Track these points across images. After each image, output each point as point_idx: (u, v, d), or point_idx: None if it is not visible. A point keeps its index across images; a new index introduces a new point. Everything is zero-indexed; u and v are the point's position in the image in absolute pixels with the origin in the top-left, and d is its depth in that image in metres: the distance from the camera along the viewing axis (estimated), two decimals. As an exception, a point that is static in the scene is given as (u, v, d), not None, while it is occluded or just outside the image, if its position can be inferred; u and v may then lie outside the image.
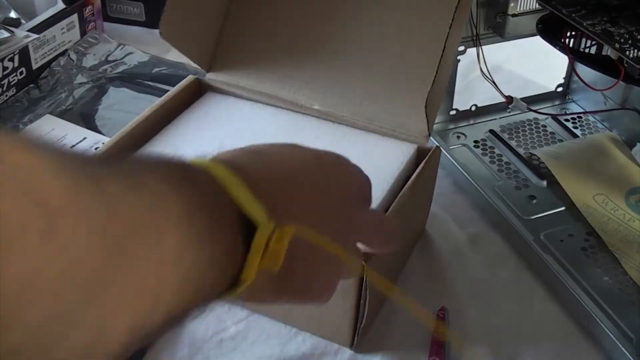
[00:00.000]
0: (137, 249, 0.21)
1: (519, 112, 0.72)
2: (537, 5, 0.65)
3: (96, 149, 0.67)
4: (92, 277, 0.20)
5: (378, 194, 0.49)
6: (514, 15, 0.66)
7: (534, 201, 0.62)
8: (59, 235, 0.18)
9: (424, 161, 0.53)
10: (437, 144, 0.56)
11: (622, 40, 0.54)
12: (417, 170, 0.52)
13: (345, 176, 0.36)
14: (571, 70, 0.75)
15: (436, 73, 0.50)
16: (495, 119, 0.73)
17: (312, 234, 0.30)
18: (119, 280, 0.21)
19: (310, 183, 0.33)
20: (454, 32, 0.50)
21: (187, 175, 0.26)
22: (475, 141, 0.70)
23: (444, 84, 0.59)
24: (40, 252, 0.18)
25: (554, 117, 0.73)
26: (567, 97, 0.78)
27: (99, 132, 0.72)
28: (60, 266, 0.18)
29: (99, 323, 0.20)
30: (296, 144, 0.34)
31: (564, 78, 0.77)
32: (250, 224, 0.28)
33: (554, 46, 0.60)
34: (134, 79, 0.80)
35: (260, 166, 0.31)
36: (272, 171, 0.31)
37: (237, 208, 0.27)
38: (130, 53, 0.84)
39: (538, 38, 0.63)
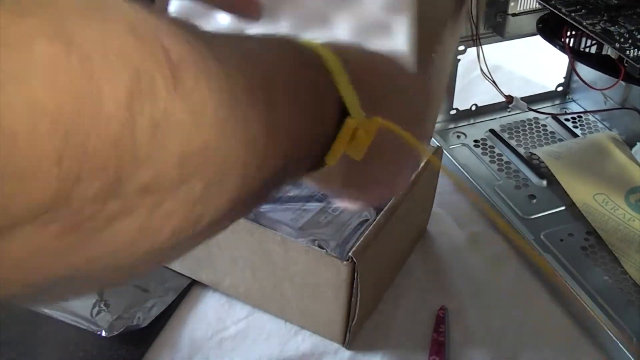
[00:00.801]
0: (250, 110, 0.23)
1: (519, 111, 0.72)
2: (537, 5, 0.64)
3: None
4: (214, 127, 0.21)
5: None
6: (514, 15, 0.66)
7: (534, 201, 0.62)
8: (182, 84, 0.20)
9: (425, 161, 0.53)
10: (438, 144, 0.56)
11: (622, 39, 0.54)
12: (417, 170, 0.52)
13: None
14: (571, 70, 0.75)
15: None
16: (495, 118, 0.73)
17: (398, 129, 0.32)
18: (238, 137, 0.22)
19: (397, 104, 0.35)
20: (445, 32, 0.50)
21: (296, 53, 0.28)
22: (476, 141, 0.70)
23: (443, 87, 0.58)
24: (168, 97, 0.19)
25: (554, 117, 0.73)
26: (567, 97, 0.78)
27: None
28: (186, 111, 0.20)
29: (222, 166, 0.22)
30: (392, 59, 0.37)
31: (564, 77, 0.77)
32: (343, 112, 0.30)
33: (554, 46, 0.60)
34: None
35: (363, 66, 0.33)
36: (372, 74, 0.33)
37: (336, 94, 0.29)
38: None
39: (538, 37, 0.63)
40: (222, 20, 0.56)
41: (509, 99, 0.69)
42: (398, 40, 0.51)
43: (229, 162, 0.22)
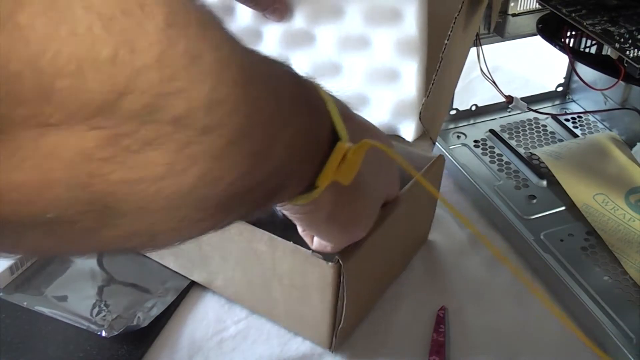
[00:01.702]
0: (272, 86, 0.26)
1: (519, 111, 0.72)
2: (537, 5, 0.64)
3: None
4: (237, 85, 0.24)
5: None
6: (514, 15, 0.66)
7: (534, 201, 0.62)
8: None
9: (425, 168, 0.52)
10: (439, 145, 0.56)
11: (622, 39, 0.54)
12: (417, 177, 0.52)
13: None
14: (571, 70, 0.75)
15: (433, 80, 0.49)
16: (495, 118, 0.73)
17: (385, 147, 0.34)
18: (257, 103, 0.25)
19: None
20: (456, 34, 0.49)
21: (294, 78, 0.30)
22: (476, 141, 0.70)
23: (450, 90, 0.58)
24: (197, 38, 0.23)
25: (554, 117, 0.73)
26: (567, 97, 0.78)
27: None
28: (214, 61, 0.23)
29: None
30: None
31: (564, 78, 0.77)
32: (334, 140, 0.32)
33: (554, 46, 0.60)
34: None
35: (351, 115, 0.36)
36: (358, 124, 0.37)
37: (329, 120, 0.32)
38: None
39: (538, 38, 0.63)
40: (242, 19, 0.56)
41: (509, 99, 0.69)
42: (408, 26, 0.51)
43: (249, 122, 0.24)
